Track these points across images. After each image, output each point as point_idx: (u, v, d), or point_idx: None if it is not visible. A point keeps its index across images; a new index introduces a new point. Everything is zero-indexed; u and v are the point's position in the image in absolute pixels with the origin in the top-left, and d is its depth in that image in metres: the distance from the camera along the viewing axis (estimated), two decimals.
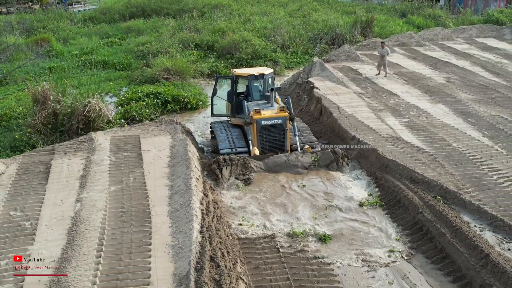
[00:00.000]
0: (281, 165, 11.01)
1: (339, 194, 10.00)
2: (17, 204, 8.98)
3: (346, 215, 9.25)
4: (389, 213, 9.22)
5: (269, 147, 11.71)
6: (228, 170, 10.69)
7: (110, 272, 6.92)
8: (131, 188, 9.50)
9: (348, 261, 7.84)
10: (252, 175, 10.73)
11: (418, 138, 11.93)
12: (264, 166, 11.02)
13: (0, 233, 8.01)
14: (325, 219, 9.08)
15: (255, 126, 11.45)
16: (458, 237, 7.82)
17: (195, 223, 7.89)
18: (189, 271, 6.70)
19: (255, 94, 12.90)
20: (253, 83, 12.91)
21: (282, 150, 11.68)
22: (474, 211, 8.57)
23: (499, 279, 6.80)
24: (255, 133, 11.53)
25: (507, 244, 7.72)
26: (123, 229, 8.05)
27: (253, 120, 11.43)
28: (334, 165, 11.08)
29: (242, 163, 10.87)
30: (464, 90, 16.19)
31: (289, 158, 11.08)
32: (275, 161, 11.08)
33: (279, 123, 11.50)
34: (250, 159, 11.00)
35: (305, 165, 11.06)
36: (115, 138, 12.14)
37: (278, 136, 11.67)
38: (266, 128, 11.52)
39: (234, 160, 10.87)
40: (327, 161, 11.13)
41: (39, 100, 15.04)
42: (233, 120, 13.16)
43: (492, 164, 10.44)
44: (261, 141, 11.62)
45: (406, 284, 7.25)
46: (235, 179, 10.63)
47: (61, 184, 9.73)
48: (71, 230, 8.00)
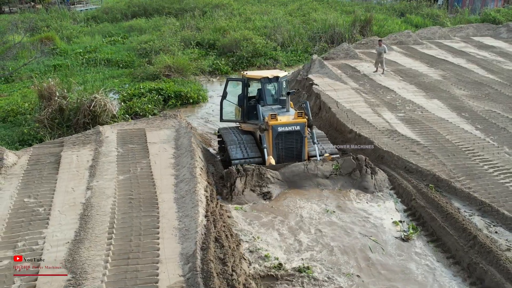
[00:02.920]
0: (300, 175, 10.11)
1: (373, 222, 8.79)
2: (30, 191, 9.45)
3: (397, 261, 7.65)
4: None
5: (285, 155, 10.78)
6: (242, 182, 9.79)
7: (121, 252, 7.39)
8: (138, 177, 9.97)
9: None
10: (270, 187, 9.86)
11: (413, 131, 12.40)
12: (281, 176, 10.14)
13: (16, 218, 8.48)
14: (372, 276, 7.33)
15: (271, 133, 10.54)
16: (448, 221, 8.30)
17: (200, 208, 8.36)
18: (195, 251, 7.17)
19: (268, 98, 11.99)
20: (267, 86, 11.99)
21: (300, 159, 10.76)
22: (464, 198, 9.04)
23: (485, 258, 7.27)
24: (271, 140, 10.61)
25: (494, 227, 8.19)
26: (132, 214, 8.51)
27: (268, 126, 10.54)
28: (357, 173, 10.12)
29: (258, 173, 9.95)
30: (459, 86, 16.66)
31: (307, 167, 10.21)
32: (292, 170, 10.19)
33: (297, 130, 10.58)
34: (266, 169, 10.13)
35: (325, 174, 10.18)
36: (122, 131, 12.60)
37: (295, 144, 10.74)
38: (283, 135, 10.59)
39: (248, 170, 9.94)
40: (349, 168, 10.23)
41: (45, 96, 15.52)
42: (244, 126, 12.31)
43: (484, 155, 10.91)
44: (277, 149, 10.71)
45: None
46: (251, 191, 9.76)
47: (72, 173, 10.20)
48: (83, 215, 8.47)
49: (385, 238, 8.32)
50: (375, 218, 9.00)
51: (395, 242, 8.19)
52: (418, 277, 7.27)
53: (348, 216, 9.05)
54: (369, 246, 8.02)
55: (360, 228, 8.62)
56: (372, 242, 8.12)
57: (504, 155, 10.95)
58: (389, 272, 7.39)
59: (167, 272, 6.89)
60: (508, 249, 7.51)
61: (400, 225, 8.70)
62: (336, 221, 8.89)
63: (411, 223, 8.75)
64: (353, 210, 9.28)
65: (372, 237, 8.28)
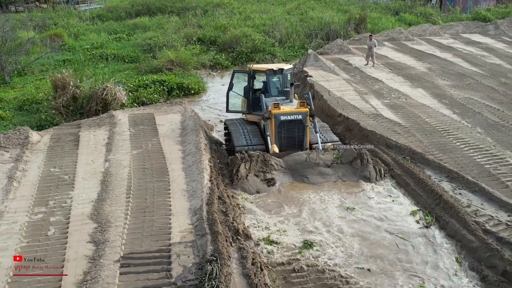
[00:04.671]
0: (302, 164, 10.45)
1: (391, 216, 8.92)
2: (55, 163, 10.75)
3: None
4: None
5: (287, 144, 11.15)
6: (246, 167, 10.14)
7: (138, 207, 8.69)
8: (150, 151, 11.27)
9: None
10: (274, 173, 10.22)
11: (396, 115, 13.71)
12: (284, 164, 10.52)
13: (45, 183, 9.78)
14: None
15: (274, 121, 10.95)
16: (419, 185, 9.61)
17: (205, 174, 9.67)
18: (202, 205, 8.48)
19: (273, 90, 12.37)
20: (272, 78, 12.39)
21: (301, 148, 11.12)
22: (435, 167, 10.34)
23: (448, 213, 8.57)
24: (273, 128, 11.01)
25: (459, 190, 9.47)
26: (146, 180, 9.81)
27: (271, 115, 10.93)
28: (358, 162, 10.47)
29: (262, 159, 10.32)
30: (443, 78, 17.96)
31: (310, 156, 10.56)
32: (295, 159, 10.53)
33: (299, 119, 10.97)
34: (271, 156, 10.52)
35: (327, 163, 10.50)
36: (133, 115, 13.91)
37: (297, 133, 11.11)
38: (285, 123, 10.99)
39: (253, 156, 10.32)
40: (350, 157, 10.57)
41: (59, 86, 16.82)
42: (249, 117, 12.71)
43: (457, 134, 12.20)
44: (279, 137, 11.08)
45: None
46: (254, 177, 10.10)
47: (90, 149, 11.51)
48: (103, 181, 9.77)
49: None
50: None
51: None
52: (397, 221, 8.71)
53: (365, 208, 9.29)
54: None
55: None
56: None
57: (476, 134, 12.24)
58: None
59: (178, 222, 8.20)
60: (468, 206, 8.79)
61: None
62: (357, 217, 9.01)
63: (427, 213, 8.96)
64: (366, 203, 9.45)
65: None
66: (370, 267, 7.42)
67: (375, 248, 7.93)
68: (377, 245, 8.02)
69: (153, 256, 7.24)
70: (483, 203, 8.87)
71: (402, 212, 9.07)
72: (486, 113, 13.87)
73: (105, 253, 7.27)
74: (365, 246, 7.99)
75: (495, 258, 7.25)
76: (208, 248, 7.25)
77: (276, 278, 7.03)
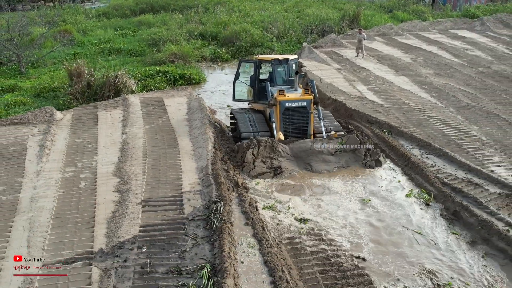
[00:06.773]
0: (306, 151, 10.72)
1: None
2: (79, 135, 12.39)
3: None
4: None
5: (292, 130, 11.43)
6: (254, 152, 10.38)
7: (154, 167, 10.32)
8: (161, 126, 12.91)
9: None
10: (280, 160, 10.46)
11: (379, 98, 15.33)
12: (290, 151, 10.81)
13: (72, 150, 11.43)
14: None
15: (279, 108, 11.22)
16: (393, 151, 11.25)
17: (209, 142, 11.29)
18: (207, 165, 10.10)
19: (278, 80, 12.68)
20: (277, 68, 12.70)
21: (305, 135, 11.45)
22: (408, 138, 11.96)
23: (414, 171, 10.21)
24: (278, 115, 11.26)
25: (427, 155, 11.08)
26: (158, 147, 11.44)
27: (276, 102, 11.20)
28: (361, 150, 10.81)
29: (270, 145, 10.55)
30: (425, 67, 19.58)
31: (314, 144, 10.82)
32: (300, 146, 10.80)
33: (303, 106, 11.24)
34: (278, 142, 10.79)
35: (331, 151, 10.79)
36: (143, 98, 15.55)
37: (301, 120, 11.39)
38: (290, 110, 11.26)
39: (261, 141, 10.50)
40: (353, 145, 10.85)
41: (74, 74, 18.45)
42: (255, 106, 13.06)
43: (431, 113, 13.82)
44: (284, 124, 11.35)
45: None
46: (261, 162, 10.34)
47: (108, 125, 13.14)
48: (122, 148, 11.41)
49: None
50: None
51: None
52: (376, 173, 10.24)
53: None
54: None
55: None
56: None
57: (448, 113, 13.86)
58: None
59: (187, 177, 9.82)
60: (432, 166, 10.40)
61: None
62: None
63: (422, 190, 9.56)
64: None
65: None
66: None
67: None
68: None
69: (168, 200, 8.86)
70: (445, 164, 10.49)
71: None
72: (460, 96, 15.48)
73: (128, 198, 8.89)
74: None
75: (448, 202, 8.87)
76: (213, 194, 8.88)
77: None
